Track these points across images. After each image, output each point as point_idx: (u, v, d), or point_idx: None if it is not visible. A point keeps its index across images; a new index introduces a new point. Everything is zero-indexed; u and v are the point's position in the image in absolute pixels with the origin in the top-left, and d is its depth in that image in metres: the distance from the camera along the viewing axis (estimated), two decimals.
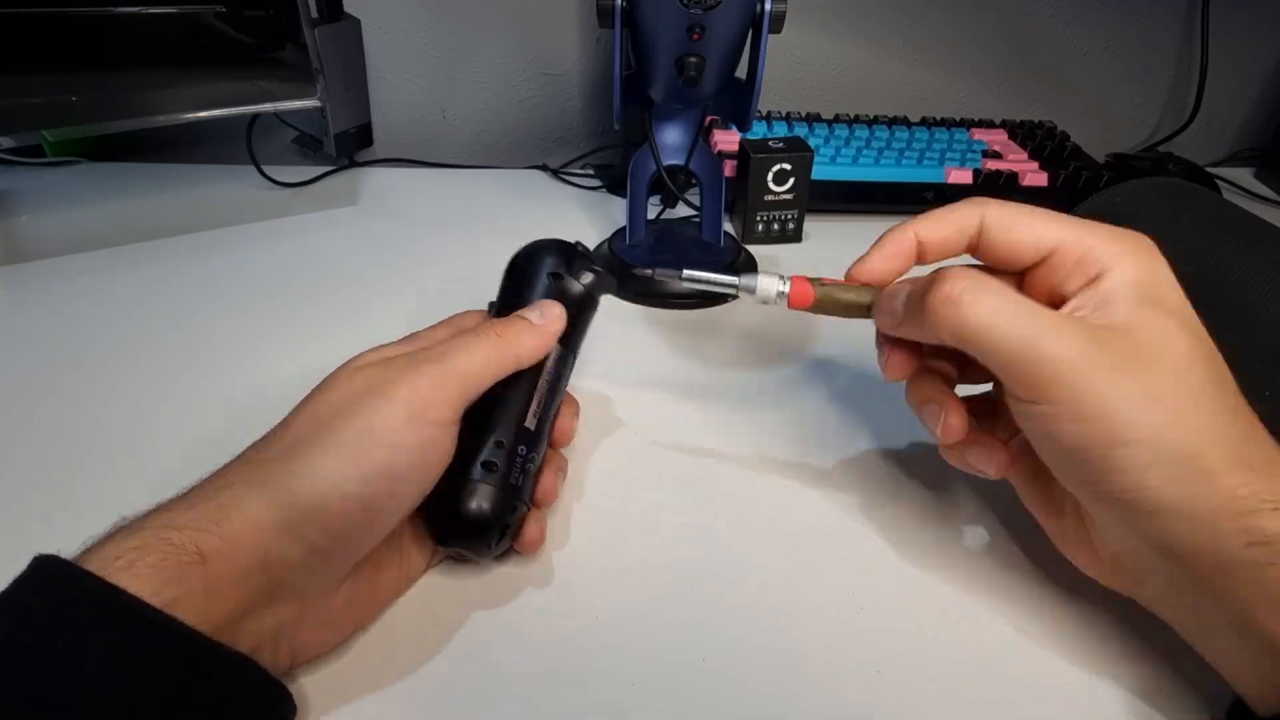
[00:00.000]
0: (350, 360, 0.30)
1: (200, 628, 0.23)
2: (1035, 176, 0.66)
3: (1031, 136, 0.73)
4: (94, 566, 0.22)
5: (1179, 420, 0.25)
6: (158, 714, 0.21)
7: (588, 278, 0.36)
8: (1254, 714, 0.26)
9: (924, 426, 0.32)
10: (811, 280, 0.34)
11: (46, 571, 0.23)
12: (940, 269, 0.29)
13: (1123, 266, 0.28)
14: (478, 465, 0.30)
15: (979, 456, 0.32)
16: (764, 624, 0.32)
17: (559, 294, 0.35)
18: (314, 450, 0.26)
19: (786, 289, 0.34)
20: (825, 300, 0.33)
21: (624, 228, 0.56)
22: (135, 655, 0.21)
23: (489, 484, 0.30)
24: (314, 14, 0.60)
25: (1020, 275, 0.30)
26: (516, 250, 0.37)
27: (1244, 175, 0.79)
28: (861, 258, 0.33)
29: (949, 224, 0.31)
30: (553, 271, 0.35)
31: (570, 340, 0.35)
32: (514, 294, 0.35)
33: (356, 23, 0.65)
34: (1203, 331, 0.28)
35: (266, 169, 0.66)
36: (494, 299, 0.37)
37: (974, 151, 0.69)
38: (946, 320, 0.27)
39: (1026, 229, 0.30)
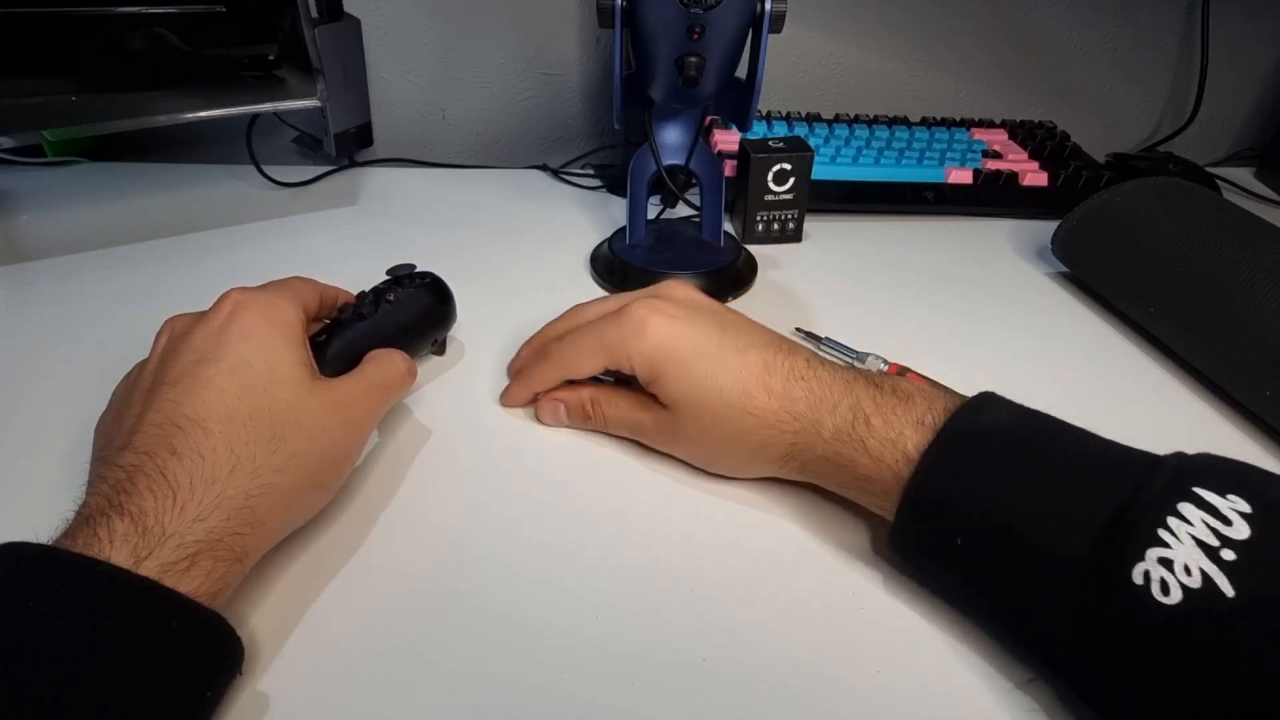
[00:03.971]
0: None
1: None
2: (1035, 176, 0.66)
3: (1032, 136, 0.73)
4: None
5: (705, 436, 0.37)
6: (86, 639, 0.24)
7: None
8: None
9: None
10: (900, 371, 0.45)
11: (6, 550, 0.26)
12: (577, 404, 0.41)
13: (634, 364, 0.38)
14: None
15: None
16: (764, 624, 0.32)
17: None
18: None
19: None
20: None
21: (624, 228, 0.56)
22: (83, 603, 0.24)
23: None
24: (314, 14, 0.60)
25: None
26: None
27: (1244, 175, 0.79)
28: (507, 397, 0.44)
29: (544, 382, 0.42)
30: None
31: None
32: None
33: (356, 23, 0.65)
34: (682, 369, 0.36)
35: (267, 169, 0.66)
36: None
37: (974, 151, 0.69)
38: (604, 429, 0.41)
39: (581, 368, 0.40)
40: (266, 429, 0.30)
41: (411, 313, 0.43)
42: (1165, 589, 0.25)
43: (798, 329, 0.50)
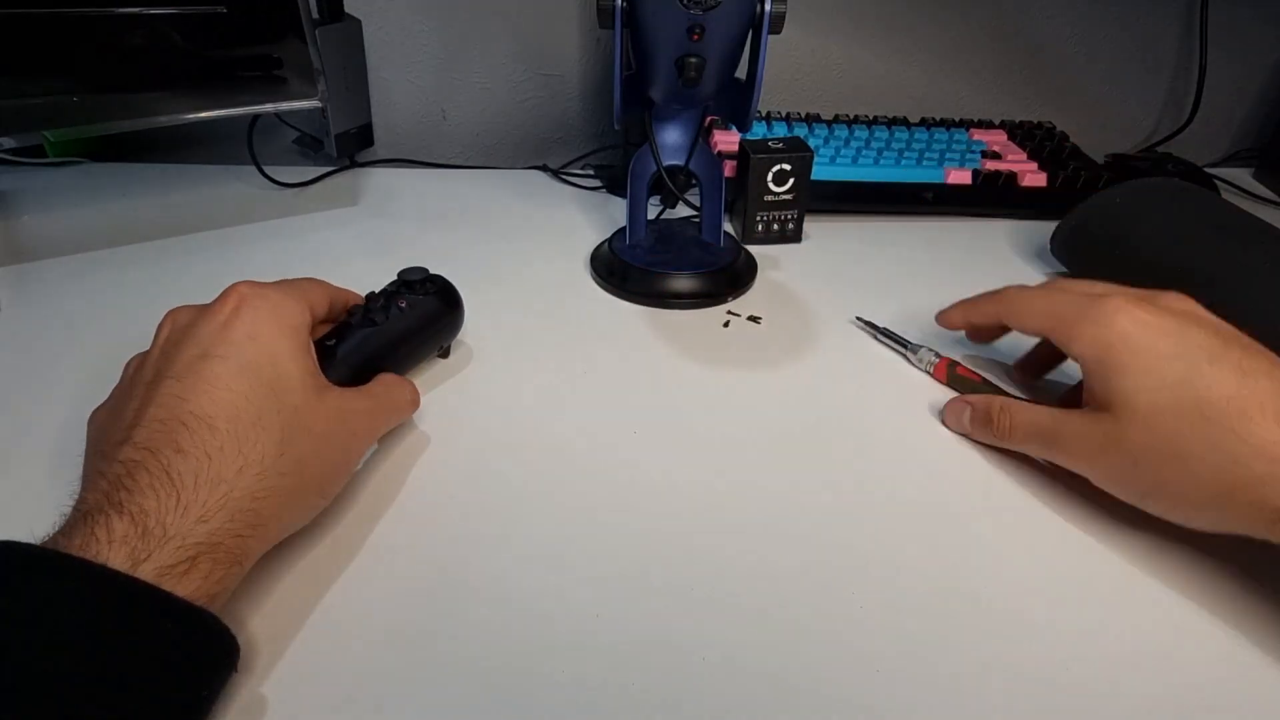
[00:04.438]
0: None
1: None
2: (1034, 177, 0.66)
3: (1031, 137, 0.73)
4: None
5: (1169, 471, 0.31)
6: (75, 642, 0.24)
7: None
8: None
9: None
10: (949, 364, 0.46)
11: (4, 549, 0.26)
12: (984, 409, 0.40)
13: (1082, 349, 0.35)
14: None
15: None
16: (765, 624, 0.32)
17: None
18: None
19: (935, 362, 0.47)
20: (953, 382, 0.46)
21: (624, 228, 0.57)
22: (71, 603, 0.24)
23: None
24: (314, 15, 0.61)
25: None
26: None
27: (1243, 175, 0.79)
28: (944, 316, 0.46)
29: (982, 315, 0.43)
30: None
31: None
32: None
33: (357, 23, 0.65)
34: (1160, 376, 0.32)
35: (267, 169, 0.66)
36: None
37: (973, 152, 0.69)
38: (1004, 443, 0.40)
39: (1026, 320, 0.40)
40: (275, 431, 0.30)
41: (422, 320, 0.42)
42: None
43: (858, 318, 0.51)
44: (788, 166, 0.58)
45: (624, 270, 0.54)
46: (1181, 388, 0.31)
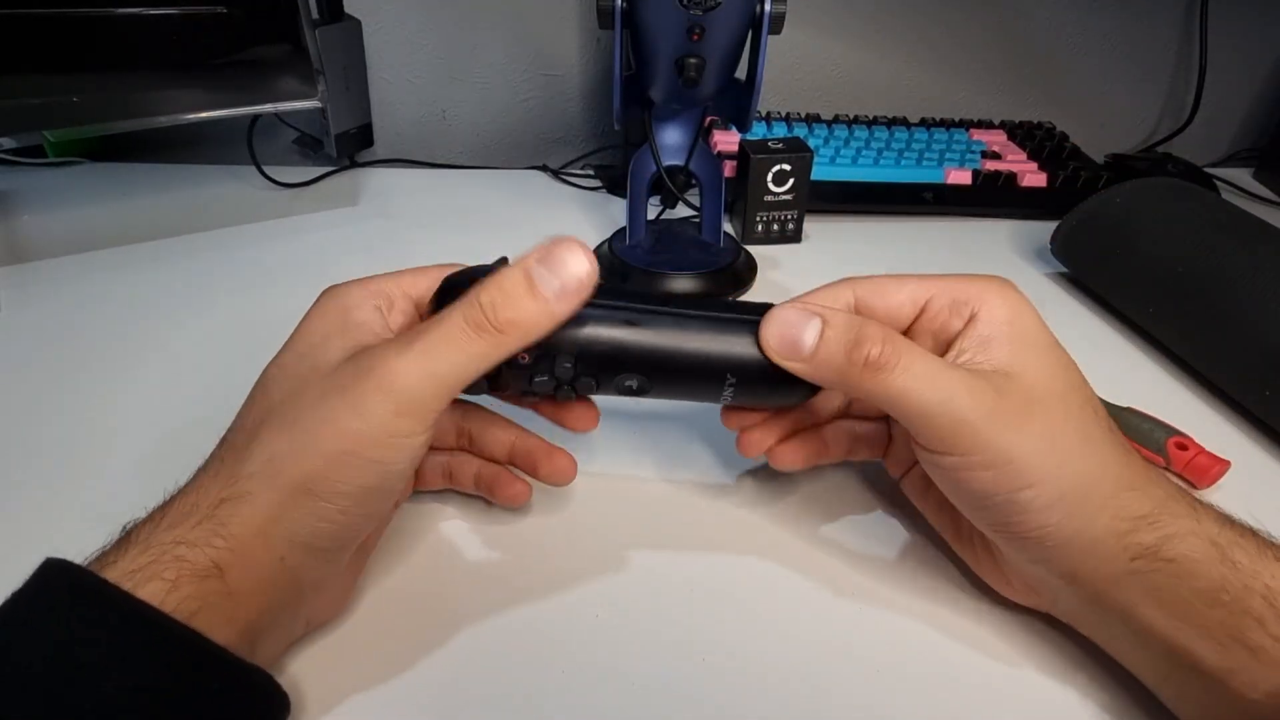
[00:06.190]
0: (324, 310, 0.32)
1: (226, 629, 0.24)
2: (1034, 177, 0.66)
3: (1030, 137, 0.73)
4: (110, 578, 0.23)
5: (1071, 458, 0.27)
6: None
7: None
8: None
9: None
10: None
11: (55, 575, 0.23)
12: (856, 326, 0.29)
13: (990, 306, 0.30)
14: None
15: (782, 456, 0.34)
16: (764, 624, 0.32)
17: None
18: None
19: None
20: None
21: (624, 228, 0.57)
22: (143, 659, 0.22)
23: None
24: (314, 15, 0.61)
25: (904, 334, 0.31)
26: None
27: (1243, 176, 0.79)
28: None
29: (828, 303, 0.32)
30: None
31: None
32: None
33: (357, 23, 0.65)
34: (1067, 358, 0.30)
35: (267, 169, 0.66)
36: None
37: (973, 152, 0.69)
38: (870, 383, 0.28)
39: (897, 291, 0.32)
40: None
41: None
42: None
43: None
44: (788, 166, 0.58)
45: (624, 270, 0.54)
46: (1076, 372, 0.29)
